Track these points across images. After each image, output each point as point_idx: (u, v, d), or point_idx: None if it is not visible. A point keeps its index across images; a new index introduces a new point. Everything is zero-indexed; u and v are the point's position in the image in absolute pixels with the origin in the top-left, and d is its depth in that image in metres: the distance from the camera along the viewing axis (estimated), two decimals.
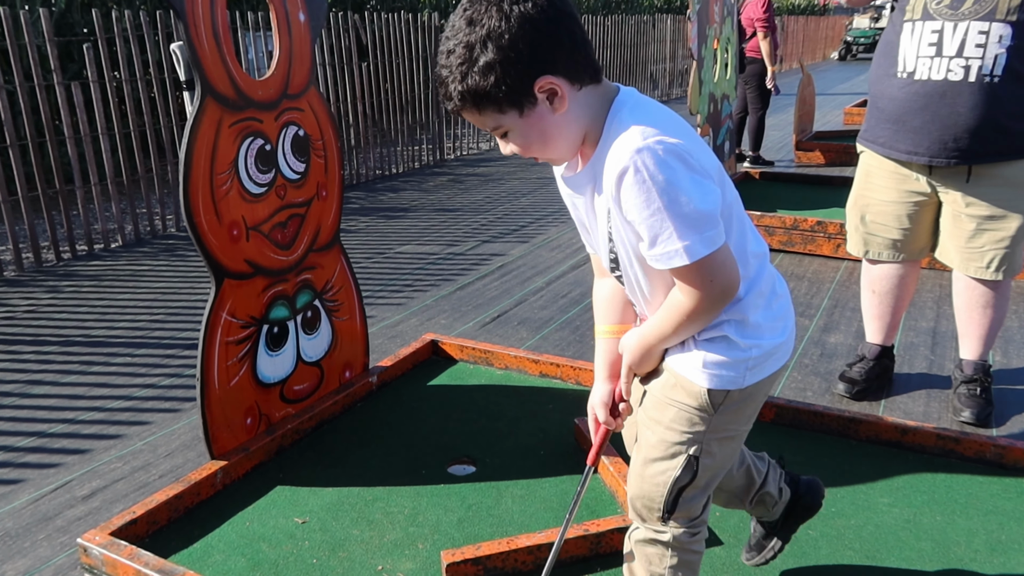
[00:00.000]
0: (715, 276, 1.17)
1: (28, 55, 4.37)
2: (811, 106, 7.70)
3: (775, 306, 1.32)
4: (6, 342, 3.40)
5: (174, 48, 1.92)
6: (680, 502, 1.34)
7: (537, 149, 1.22)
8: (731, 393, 1.29)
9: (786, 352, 1.34)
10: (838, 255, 4.23)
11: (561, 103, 1.16)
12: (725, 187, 1.22)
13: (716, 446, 1.33)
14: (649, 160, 1.10)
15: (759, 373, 1.30)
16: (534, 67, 1.13)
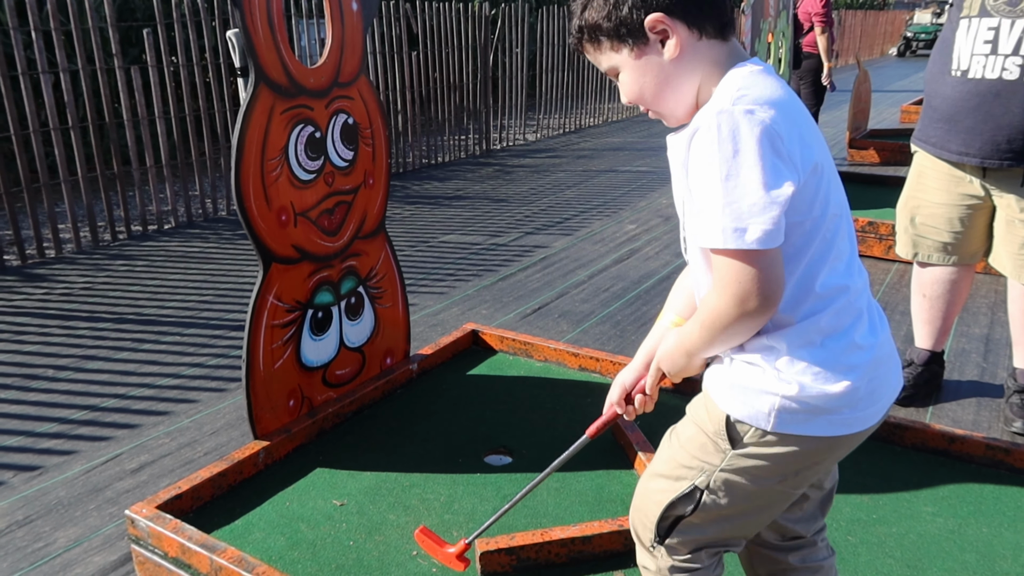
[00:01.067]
0: (751, 279, 1.01)
1: (91, 39, 4.49)
2: (866, 103, 7.52)
3: (843, 352, 1.09)
4: (64, 318, 3.51)
5: (230, 35, 1.96)
6: (676, 531, 1.20)
7: (647, 98, 1.15)
8: (753, 431, 1.11)
9: (851, 419, 1.10)
10: (889, 257, 4.14)
11: (675, 48, 1.09)
12: (827, 201, 1.08)
13: (729, 488, 1.15)
14: (727, 124, 1.00)
15: (795, 424, 1.09)
16: (648, 2, 1.08)
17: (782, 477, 1.14)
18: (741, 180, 0.99)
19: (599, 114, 10.06)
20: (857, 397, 1.09)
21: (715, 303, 1.07)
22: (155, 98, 4.83)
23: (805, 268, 1.08)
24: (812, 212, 1.06)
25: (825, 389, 1.07)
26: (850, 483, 2.05)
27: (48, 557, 1.97)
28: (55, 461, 2.39)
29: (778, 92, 1.06)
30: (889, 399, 1.15)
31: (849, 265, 1.12)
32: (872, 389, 1.11)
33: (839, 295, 1.10)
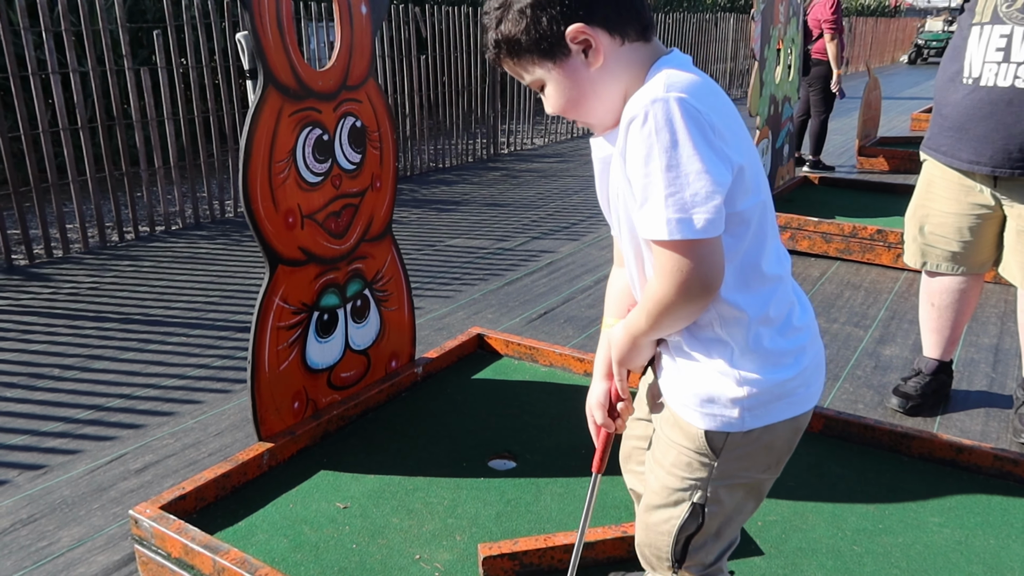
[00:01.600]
0: (693, 267, 1.01)
1: (102, 40, 4.51)
2: (876, 111, 7.50)
3: (788, 338, 1.13)
4: (70, 317, 3.52)
5: (239, 37, 1.96)
6: (690, 551, 1.22)
7: (572, 108, 1.13)
8: (732, 436, 1.13)
9: (805, 397, 1.16)
10: (897, 265, 4.12)
11: (596, 57, 1.07)
12: (758, 189, 1.09)
13: (725, 493, 1.18)
14: (661, 113, 0.98)
15: (766, 415, 1.13)
16: (567, 13, 1.05)
17: (766, 467, 1.20)
18: (682, 170, 0.99)
19: None
20: (807, 375, 1.16)
21: (658, 290, 1.06)
22: (164, 99, 4.85)
23: (744, 255, 1.09)
24: (748, 200, 1.07)
25: (779, 376, 1.12)
26: (856, 492, 2.04)
27: (52, 556, 1.97)
28: (60, 460, 2.40)
29: (704, 81, 1.06)
30: (824, 370, 1.22)
31: (779, 252, 1.15)
32: (816, 364, 1.18)
33: (778, 283, 1.13)
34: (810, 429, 2.32)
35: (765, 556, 1.80)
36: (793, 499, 2.01)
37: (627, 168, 1.05)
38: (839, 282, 3.99)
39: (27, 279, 4.05)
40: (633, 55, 1.10)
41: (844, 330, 3.37)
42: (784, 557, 1.79)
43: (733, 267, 1.08)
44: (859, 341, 3.25)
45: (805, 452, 2.22)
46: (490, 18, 1.12)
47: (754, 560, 1.79)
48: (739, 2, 16.99)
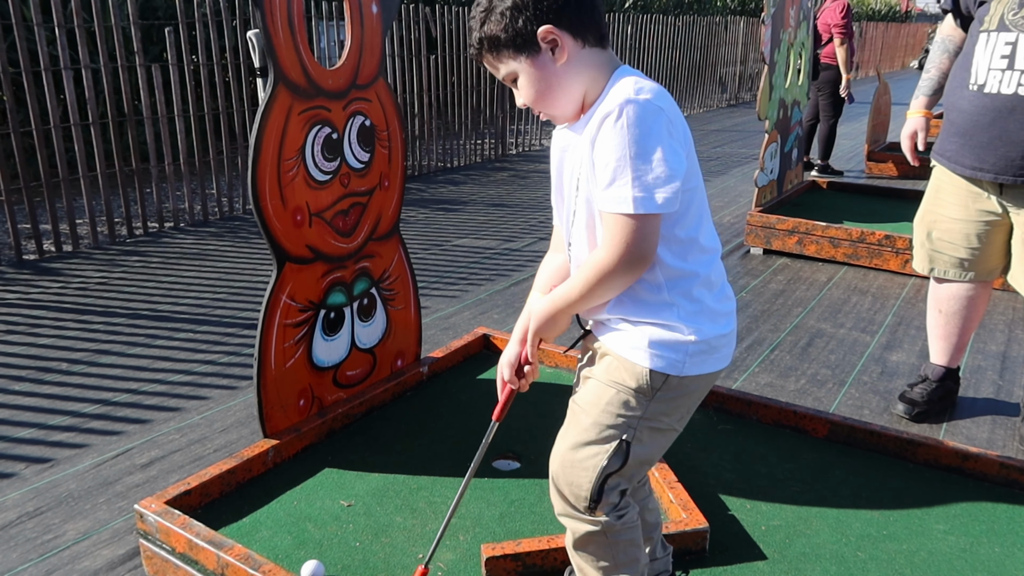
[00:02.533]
0: (640, 239, 1.22)
1: (114, 37, 4.53)
2: (886, 116, 7.48)
3: (722, 302, 1.36)
4: (79, 312, 3.54)
5: (250, 35, 1.97)
6: (605, 490, 1.36)
7: (540, 100, 1.32)
8: (670, 379, 1.31)
9: (726, 356, 1.37)
10: (905, 271, 4.11)
11: (562, 54, 1.26)
12: (696, 176, 1.30)
13: (647, 435, 1.35)
14: (633, 111, 1.19)
15: (699, 366, 1.32)
16: (539, 15, 1.24)
17: (681, 416, 1.39)
18: (648, 158, 1.19)
19: None
20: (731, 338, 1.38)
21: (603, 258, 1.25)
22: (175, 96, 4.87)
23: (688, 229, 1.30)
24: (691, 183, 1.28)
25: (718, 331, 1.33)
26: (860, 498, 2.03)
27: (57, 549, 1.98)
28: (66, 454, 2.41)
29: (659, 88, 1.26)
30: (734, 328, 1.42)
31: (712, 231, 1.37)
32: (735, 332, 1.41)
33: (714, 254, 1.36)
34: (815, 434, 2.32)
35: (768, 561, 1.80)
36: (797, 504, 2.01)
37: (595, 154, 1.24)
38: (846, 287, 3.98)
39: (37, 273, 4.07)
40: (593, 58, 1.29)
41: (851, 335, 3.36)
42: (788, 562, 1.79)
43: (678, 239, 1.29)
44: (865, 346, 3.24)
45: (810, 457, 2.22)
46: (475, 20, 1.31)
47: (757, 564, 1.78)
48: (749, 5, 16.95)
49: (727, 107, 12.81)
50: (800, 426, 2.35)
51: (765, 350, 3.20)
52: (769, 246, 4.52)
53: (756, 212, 4.58)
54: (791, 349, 3.22)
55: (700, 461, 2.20)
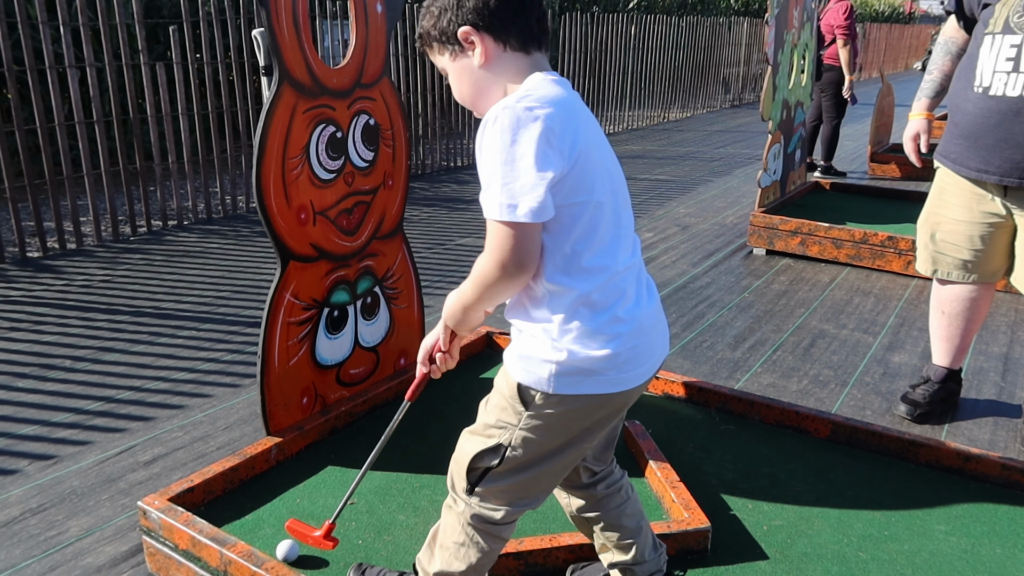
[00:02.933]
0: (513, 246, 1.22)
1: (118, 35, 4.54)
2: (889, 117, 7.47)
3: (607, 323, 1.28)
4: (82, 309, 3.55)
5: (255, 34, 1.98)
6: (485, 481, 1.39)
7: (468, 99, 1.38)
8: (540, 395, 1.30)
9: (615, 381, 1.30)
10: (908, 272, 4.10)
11: (481, 57, 1.31)
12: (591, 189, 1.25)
13: (526, 445, 1.34)
14: (507, 118, 1.19)
15: (573, 386, 1.29)
16: (461, 17, 1.30)
17: (568, 436, 1.35)
18: (516, 165, 1.19)
19: (619, 121, 10.05)
20: (620, 361, 1.29)
21: (484, 264, 1.27)
22: (179, 95, 4.88)
23: (572, 245, 1.26)
24: (578, 197, 1.25)
25: (591, 354, 1.28)
26: (862, 499, 2.03)
27: (60, 545, 1.99)
28: (70, 451, 2.42)
29: (561, 95, 1.26)
30: (653, 363, 1.36)
31: (613, 249, 1.30)
32: (635, 355, 1.31)
33: (602, 273, 1.29)
34: (817, 434, 2.32)
35: (770, 560, 1.80)
36: (799, 504, 2.01)
37: (478, 158, 1.25)
38: (849, 288, 3.98)
39: (40, 271, 4.08)
40: (513, 62, 1.32)
41: (853, 336, 3.36)
42: (789, 562, 1.79)
43: (561, 253, 1.27)
44: (868, 348, 3.24)
45: (812, 457, 2.22)
46: (422, 14, 1.39)
47: (759, 564, 1.79)
48: (753, 6, 16.94)
49: (730, 108, 12.81)
50: (802, 426, 2.35)
51: (768, 350, 3.20)
52: (772, 247, 4.52)
53: (759, 213, 4.58)
54: (793, 350, 3.22)
55: (702, 461, 2.20)
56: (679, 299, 3.81)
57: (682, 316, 3.59)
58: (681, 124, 10.53)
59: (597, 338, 1.28)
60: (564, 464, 1.40)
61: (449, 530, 1.46)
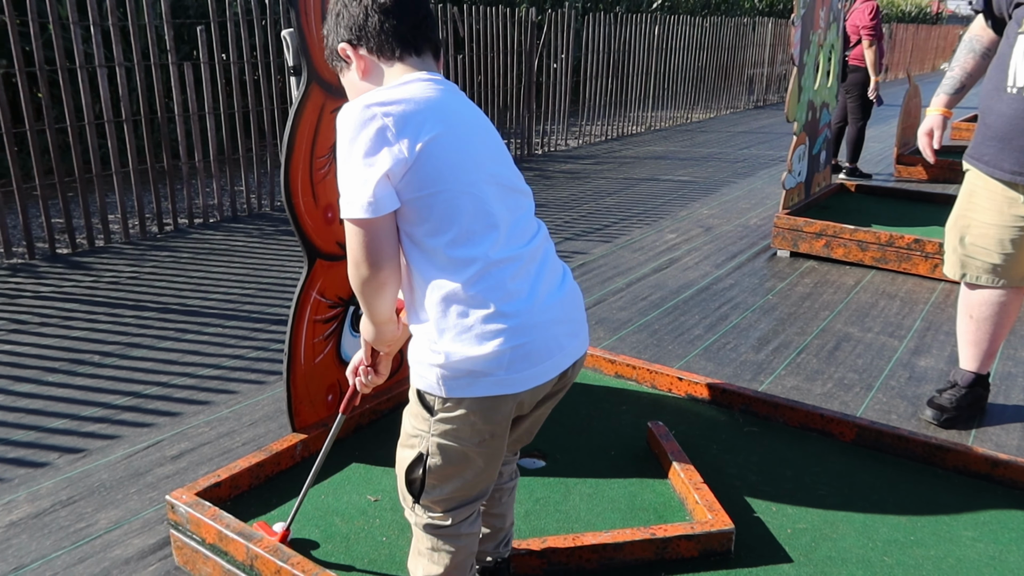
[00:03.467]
0: (358, 243, 1.24)
1: (147, 35, 4.60)
2: (916, 119, 7.39)
3: (486, 319, 1.23)
4: (110, 305, 3.60)
5: (285, 35, 2.00)
6: (424, 493, 1.37)
7: None
8: (437, 400, 1.28)
9: (508, 382, 1.25)
10: (935, 275, 4.06)
11: (359, 70, 1.37)
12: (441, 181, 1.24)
13: (442, 451, 1.32)
14: (348, 116, 1.24)
15: (462, 388, 1.25)
16: (340, 36, 1.37)
17: (479, 437, 1.30)
18: (351, 162, 1.22)
19: (642, 122, 10.02)
20: (506, 360, 1.23)
21: (347, 268, 1.30)
22: (205, 94, 4.93)
23: (433, 237, 1.25)
24: (426, 189, 1.24)
25: (468, 354, 1.23)
26: (888, 503, 2.02)
27: (89, 537, 2.02)
28: (99, 444, 2.45)
29: (420, 94, 1.28)
30: (558, 360, 1.30)
31: (483, 239, 1.25)
32: (526, 353, 1.25)
33: (471, 264, 1.24)
34: (842, 438, 2.30)
35: (794, 564, 1.79)
36: (824, 508, 2.00)
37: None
38: (874, 291, 3.95)
39: (69, 267, 4.15)
40: (390, 70, 1.36)
41: (878, 340, 3.33)
42: (813, 566, 1.78)
43: (424, 246, 1.26)
44: (893, 351, 3.21)
45: (836, 461, 2.21)
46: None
47: (782, 567, 1.78)
48: (777, 6, 16.82)
49: (754, 109, 12.72)
50: (827, 430, 2.34)
51: (791, 353, 3.18)
52: (796, 249, 4.49)
53: (783, 214, 4.55)
54: (818, 352, 3.20)
55: (726, 463, 2.19)
56: (702, 301, 3.80)
57: (705, 318, 3.57)
58: (704, 125, 10.48)
59: (475, 336, 1.23)
60: (488, 463, 1.36)
61: (417, 539, 1.46)
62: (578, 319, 1.36)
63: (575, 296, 1.36)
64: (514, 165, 1.39)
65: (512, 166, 1.37)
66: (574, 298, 1.36)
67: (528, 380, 1.27)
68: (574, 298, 1.36)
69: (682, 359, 3.12)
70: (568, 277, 1.37)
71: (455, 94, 1.35)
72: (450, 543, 1.41)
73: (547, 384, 1.31)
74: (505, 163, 1.36)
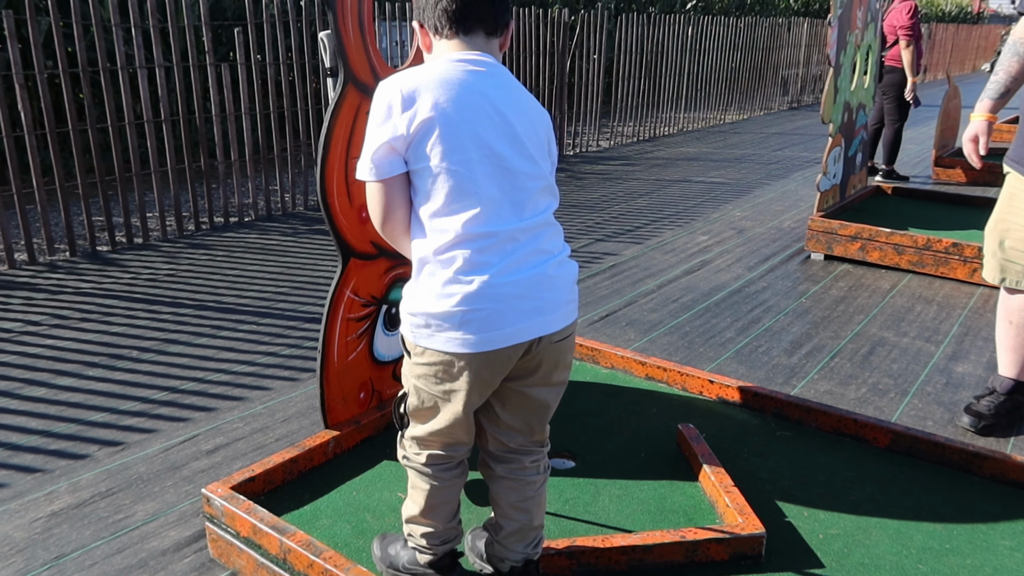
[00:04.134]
0: (368, 200, 1.46)
1: (186, 36, 4.69)
2: (955, 120, 7.26)
3: (449, 283, 1.38)
4: (148, 302, 3.67)
5: (322, 36, 2.02)
6: (408, 427, 1.58)
7: None
8: (412, 345, 1.46)
9: (464, 343, 1.38)
10: (973, 280, 3.99)
11: (425, 45, 1.55)
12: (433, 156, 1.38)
13: (418, 392, 1.50)
14: (377, 90, 1.44)
15: (426, 339, 1.42)
16: (417, 14, 1.53)
17: (442, 388, 1.46)
18: (367, 130, 1.43)
19: (674, 123, 9.97)
20: (457, 320, 1.38)
21: None
22: (242, 95, 5.00)
23: (425, 208, 1.42)
24: (419, 163, 1.40)
25: (428, 310, 1.40)
26: (923, 510, 1.99)
27: (127, 529, 2.07)
28: (136, 438, 2.51)
29: (444, 72, 1.42)
30: (516, 333, 1.40)
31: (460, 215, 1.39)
32: (482, 319, 1.38)
33: (443, 235, 1.40)
34: (876, 443, 2.28)
35: (826, 569, 1.78)
36: (856, 513, 1.98)
37: None
38: (910, 295, 3.89)
39: (108, 264, 4.24)
40: (439, 48, 1.51)
41: (914, 344, 3.28)
42: (846, 571, 1.77)
43: (417, 214, 1.44)
44: (930, 357, 3.16)
45: (870, 466, 2.18)
46: None
47: (814, 573, 1.76)
48: (813, 6, 16.61)
49: (788, 110, 12.58)
50: (861, 435, 2.31)
51: (825, 357, 3.15)
52: (831, 252, 4.43)
53: (817, 217, 4.50)
54: (852, 357, 3.16)
55: (757, 467, 2.18)
56: (734, 303, 3.77)
57: (737, 320, 3.55)
58: (738, 126, 10.39)
59: (435, 296, 1.39)
60: (455, 418, 1.48)
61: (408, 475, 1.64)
62: (548, 299, 1.43)
63: (548, 279, 1.44)
64: (536, 152, 1.47)
65: (528, 152, 1.45)
66: (547, 281, 1.44)
67: (479, 344, 1.39)
68: (547, 281, 1.44)
69: (713, 362, 3.10)
70: (552, 264, 1.46)
71: (486, 76, 1.45)
72: (424, 481, 1.58)
73: (504, 356, 1.41)
74: (519, 147, 1.44)
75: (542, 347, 1.45)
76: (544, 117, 1.52)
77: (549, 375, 1.50)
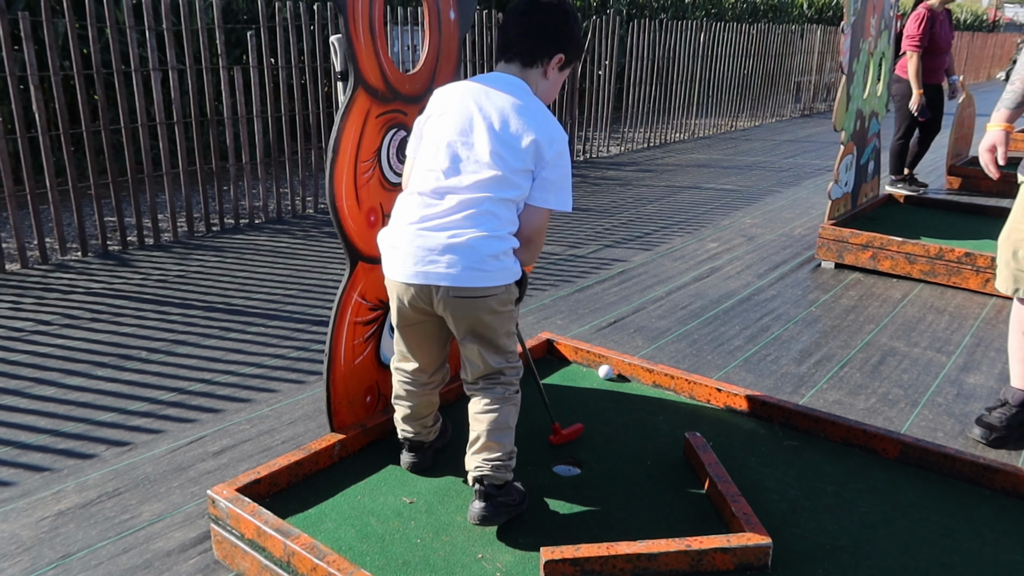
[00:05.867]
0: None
1: (199, 39, 4.71)
2: (969, 129, 7.21)
3: (389, 227, 1.88)
4: (158, 303, 3.69)
5: (333, 40, 2.03)
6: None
7: None
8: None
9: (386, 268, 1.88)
10: (986, 290, 3.95)
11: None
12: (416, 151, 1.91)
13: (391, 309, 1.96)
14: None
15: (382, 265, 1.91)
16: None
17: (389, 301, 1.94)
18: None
19: (685, 129, 9.95)
20: (383, 253, 1.89)
21: None
22: (254, 98, 5.03)
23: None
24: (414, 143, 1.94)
25: (381, 243, 1.90)
26: (932, 523, 1.97)
27: (133, 529, 2.07)
28: (144, 439, 2.51)
29: (457, 88, 1.89)
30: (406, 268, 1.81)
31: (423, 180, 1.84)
32: (394, 255, 1.84)
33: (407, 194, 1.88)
34: (885, 455, 2.26)
35: None
36: (864, 525, 1.96)
37: None
38: (922, 305, 3.86)
39: (119, 265, 4.26)
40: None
41: (925, 355, 3.26)
42: None
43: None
44: (941, 367, 3.14)
45: (879, 478, 2.16)
46: None
47: None
48: (826, 13, 16.56)
49: (800, 117, 12.54)
50: (870, 446, 2.29)
51: (834, 366, 3.13)
52: (841, 260, 4.41)
53: (828, 225, 4.48)
54: (861, 367, 3.14)
55: (764, 476, 2.16)
56: (743, 311, 3.75)
57: (746, 328, 3.53)
58: (749, 133, 10.36)
59: (384, 236, 1.89)
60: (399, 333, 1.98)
61: None
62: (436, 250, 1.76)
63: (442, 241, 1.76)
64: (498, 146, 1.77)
65: (485, 145, 1.77)
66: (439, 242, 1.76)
67: (391, 273, 1.86)
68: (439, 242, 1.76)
69: (721, 370, 3.09)
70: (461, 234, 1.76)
71: (481, 88, 1.84)
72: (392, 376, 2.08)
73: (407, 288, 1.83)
74: (478, 140, 1.78)
75: (441, 296, 1.80)
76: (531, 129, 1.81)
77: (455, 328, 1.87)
